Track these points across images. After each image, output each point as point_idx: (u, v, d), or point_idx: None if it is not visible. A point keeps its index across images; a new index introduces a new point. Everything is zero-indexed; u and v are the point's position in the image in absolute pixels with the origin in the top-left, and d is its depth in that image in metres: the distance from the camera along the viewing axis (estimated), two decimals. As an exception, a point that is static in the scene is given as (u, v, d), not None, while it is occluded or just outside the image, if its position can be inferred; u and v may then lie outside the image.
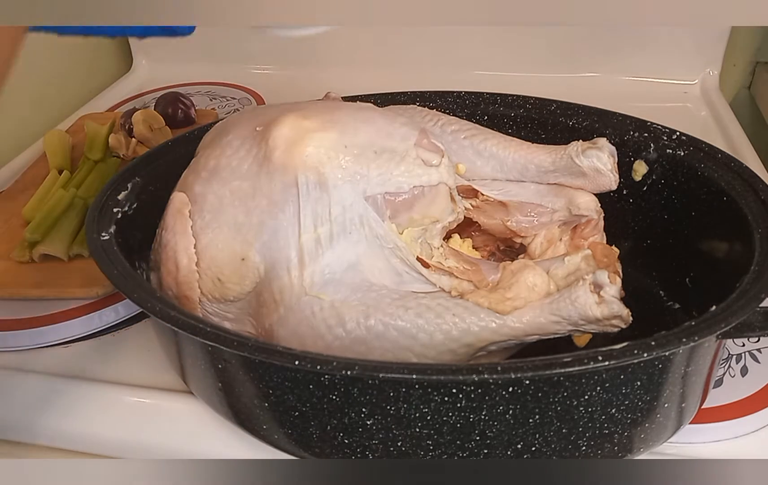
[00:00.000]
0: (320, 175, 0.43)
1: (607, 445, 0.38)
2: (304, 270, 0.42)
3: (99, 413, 0.48)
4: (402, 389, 0.35)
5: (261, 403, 0.40)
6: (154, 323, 0.46)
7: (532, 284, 0.42)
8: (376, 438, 0.38)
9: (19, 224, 0.65)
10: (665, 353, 0.35)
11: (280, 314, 0.42)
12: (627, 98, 0.71)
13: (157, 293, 0.43)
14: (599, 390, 0.36)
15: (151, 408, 0.48)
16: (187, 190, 0.46)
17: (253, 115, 0.48)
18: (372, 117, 0.47)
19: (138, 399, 0.49)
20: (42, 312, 0.56)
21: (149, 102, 0.94)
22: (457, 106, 0.60)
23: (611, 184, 0.50)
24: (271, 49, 1.01)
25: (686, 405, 0.40)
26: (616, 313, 0.39)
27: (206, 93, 0.98)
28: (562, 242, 0.51)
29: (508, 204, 0.51)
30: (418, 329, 0.40)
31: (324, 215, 0.43)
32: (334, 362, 0.34)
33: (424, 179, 0.44)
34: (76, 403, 0.49)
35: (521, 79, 0.88)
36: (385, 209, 0.44)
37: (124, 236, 0.47)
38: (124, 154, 0.74)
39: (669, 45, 0.89)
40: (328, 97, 0.57)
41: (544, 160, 0.51)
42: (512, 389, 0.35)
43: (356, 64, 0.96)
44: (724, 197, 0.47)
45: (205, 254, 0.44)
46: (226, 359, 0.39)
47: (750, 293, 0.37)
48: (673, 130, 0.52)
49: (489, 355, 0.42)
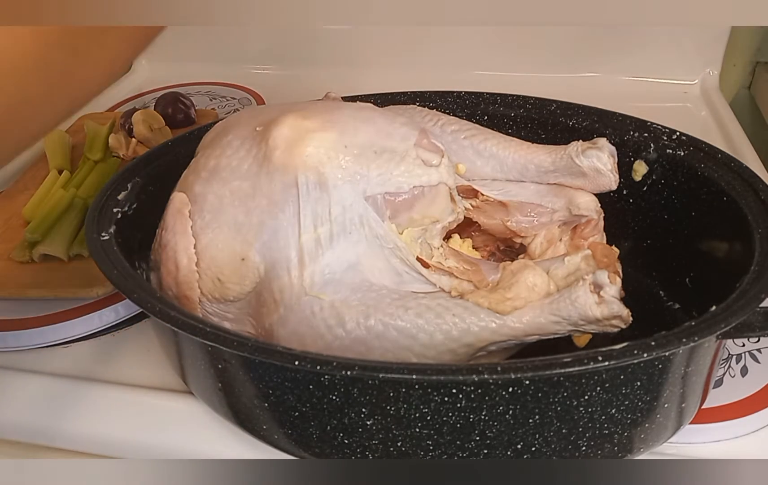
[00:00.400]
0: (320, 175, 0.43)
1: (607, 445, 0.38)
2: (304, 270, 0.42)
3: (99, 413, 0.48)
4: (402, 389, 0.35)
5: (261, 403, 0.40)
6: (154, 323, 0.46)
7: (532, 284, 0.42)
8: (376, 438, 0.38)
9: (19, 224, 0.65)
10: (665, 354, 0.35)
11: (280, 314, 0.42)
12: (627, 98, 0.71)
13: (157, 293, 0.43)
14: (599, 390, 0.36)
15: (151, 408, 0.48)
16: (187, 190, 0.46)
17: (253, 115, 0.48)
18: (372, 117, 0.47)
19: (138, 398, 0.49)
20: (42, 312, 0.56)
21: (149, 102, 0.94)
22: (457, 106, 0.60)
23: (611, 184, 0.50)
24: (271, 49, 1.01)
25: (686, 405, 0.40)
26: (616, 313, 0.39)
27: (206, 93, 0.98)
28: (562, 242, 0.51)
29: (508, 204, 0.51)
30: (418, 330, 0.40)
31: (324, 215, 0.43)
32: (334, 363, 0.34)
33: (424, 179, 0.44)
34: (76, 403, 0.49)
35: (521, 79, 0.88)
36: (385, 209, 0.44)
37: (124, 236, 0.47)
38: (124, 154, 0.74)
39: (669, 45, 0.89)
40: (328, 97, 0.57)
41: (544, 160, 0.51)
42: (512, 389, 0.35)
43: (356, 64, 0.96)
44: (724, 197, 0.47)
45: (205, 254, 0.44)
46: (226, 360, 0.39)
47: (750, 293, 0.37)
48: (673, 130, 0.52)
49: (489, 355, 0.42)
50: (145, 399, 0.49)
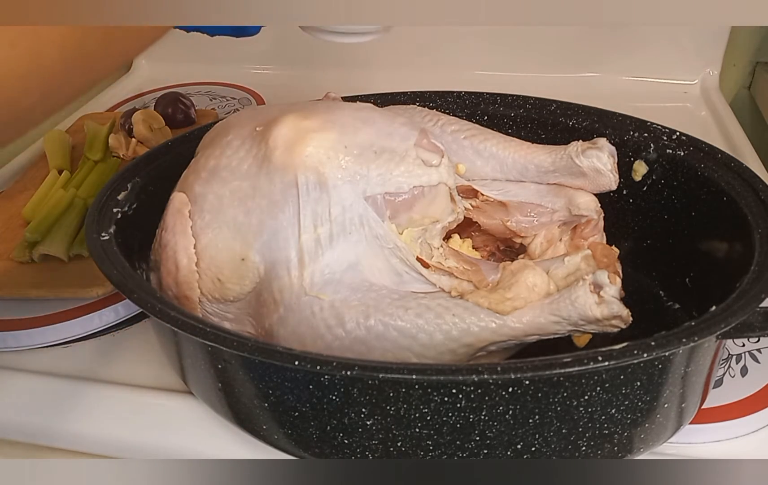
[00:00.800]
0: (320, 175, 0.43)
1: (607, 445, 0.38)
2: (304, 270, 0.42)
3: (99, 413, 0.48)
4: (402, 389, 0.35)
5: (261, 403, 0.40)
6: (154, 323, 0.46)
7: (532, 284, 0.42)
8: (376, 438, 0.38)
9: (19, 224, 0.65)
10: (665, 354, 0.35)
11: (280, 314, 0.42)
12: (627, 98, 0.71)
13: (157, 293, 0.43)
14: (599, 390, 0.36)
15: (151, 408, 0.48)
16: (187, 190, 0.46)
17: (253, 115, 0.48)
18: (372, 117, 0.47)
19: (138, 398, 0.49)
20: (42, 312, 0.56)
21: (149, 102, 0.94)
22: (457, 106, 0.60)
23: (611, 184, 0.50)
24: (271, 49, 1.01)
25: (686, 405, 0.40)
26: (616, 313, 0.39)
27: (206, 93, 0.98)
28: (562, 242, 0.51)
29: (508, 204, 0.51)
30: (418, 330, 0.40)
31: (324, 215, 0.43)
32: (333, 363, 0.34)
33: (424, 179, 0.44)
34: (76, 403, 0.49)
35: (521, 79, 0.88)
36: (385, 209, 0.44)
37: (124, 236, 0.47)
38: (124, 154, 0.74)
39: (669, 45, 0.89)
40: (328, 97, 0.57)
41: (544, 160, 0.51)
42: (512, 389, 0.35)
43: (356, 64, 0.96)
44: (724, 197, 0.47)
45: (204, 254, 0.44)
46: (226, 360, 0.39)
47: (750, 293, 0.37)
48: (673, 130, 0.52)
49: (489, 355, 0.42)
50: (145, 399, 0.49)
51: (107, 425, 0.48)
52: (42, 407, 0.49)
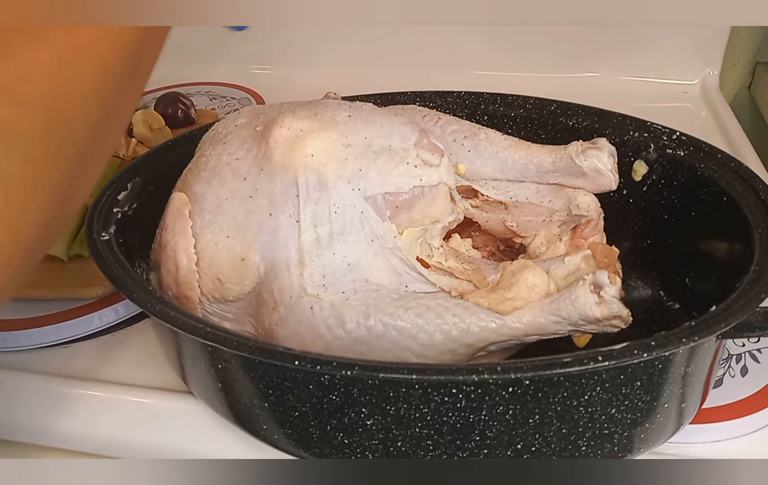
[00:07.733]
0: (320, 175, 0.43)
1: (607, 445, 0.38)
2: (304, 270, 0.42)
3: (99, 413, 0.48)
4: (402, 389, 0.35)
5: (261, 403, 0.40)
6: (154, 323, 0.46)
7: (532, 284, 0.42)
8: (376, 438, 0.38)
9: (19, 224, 0.65)
10: (665, 354, 0.35)
11: (280, 314, 0.42)
12: (627, 98, 0.71)
13: (157, 293, 0.43)
14: (599, 390, 0.36)
15: (151, 408, 0.48)
16: (186, 190, 0.46)
17: (253, 115, 0.48)
18: (372, 117, 0.47)
19: (138, 399, 0.49)
20: (42, 312, 0.56)
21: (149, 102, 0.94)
22: (457, 106, 0.60)
23: (611, 184, 0.50)
24: (271, 49, 1.01)
25: (686, 405, 0.40)
26: (616, 313, 0.39)
27: (206, 93, 0.97)
28: (562, 242, 0.51)
29: (508, 204, 0.51)
30: (418, 330, 0.40)
31: (324, 215, 0.43)
32: (333, 363, 0.34)
33: (424, 179, 0.44)
34: (76, 403, 0.49)
35: (521, 79, 0.88)
36: (385, 209, 0.44)
37: (124, 236, 0.47)
38: (124, 154, 0.74)
39: (669, 45, 0.89)
40: (328, 97, 0.57)
41: (544, 160, 0.51)
42: (512, 389, 0.35)
43: (356, 64, 0.96)
44: (724, 197, 0.47)
45: (204, 254, 0.44)
46: (226, 360, 0.39)
47: (750, 293, 0.37)
48: (673, 130, 0.52)
49: (489, 355, 0.42)
50: (145, 399, 0.49)
51: (107, 425, 0.48)
52: (42, 407, 0.49)
